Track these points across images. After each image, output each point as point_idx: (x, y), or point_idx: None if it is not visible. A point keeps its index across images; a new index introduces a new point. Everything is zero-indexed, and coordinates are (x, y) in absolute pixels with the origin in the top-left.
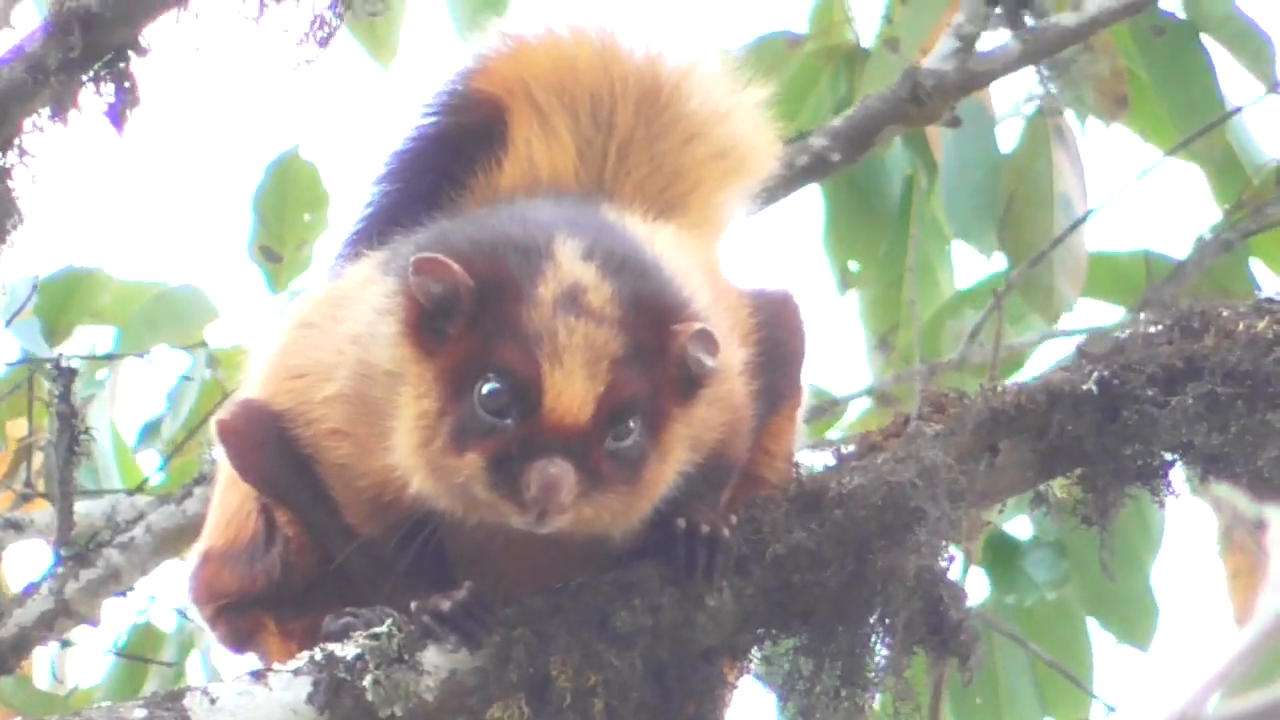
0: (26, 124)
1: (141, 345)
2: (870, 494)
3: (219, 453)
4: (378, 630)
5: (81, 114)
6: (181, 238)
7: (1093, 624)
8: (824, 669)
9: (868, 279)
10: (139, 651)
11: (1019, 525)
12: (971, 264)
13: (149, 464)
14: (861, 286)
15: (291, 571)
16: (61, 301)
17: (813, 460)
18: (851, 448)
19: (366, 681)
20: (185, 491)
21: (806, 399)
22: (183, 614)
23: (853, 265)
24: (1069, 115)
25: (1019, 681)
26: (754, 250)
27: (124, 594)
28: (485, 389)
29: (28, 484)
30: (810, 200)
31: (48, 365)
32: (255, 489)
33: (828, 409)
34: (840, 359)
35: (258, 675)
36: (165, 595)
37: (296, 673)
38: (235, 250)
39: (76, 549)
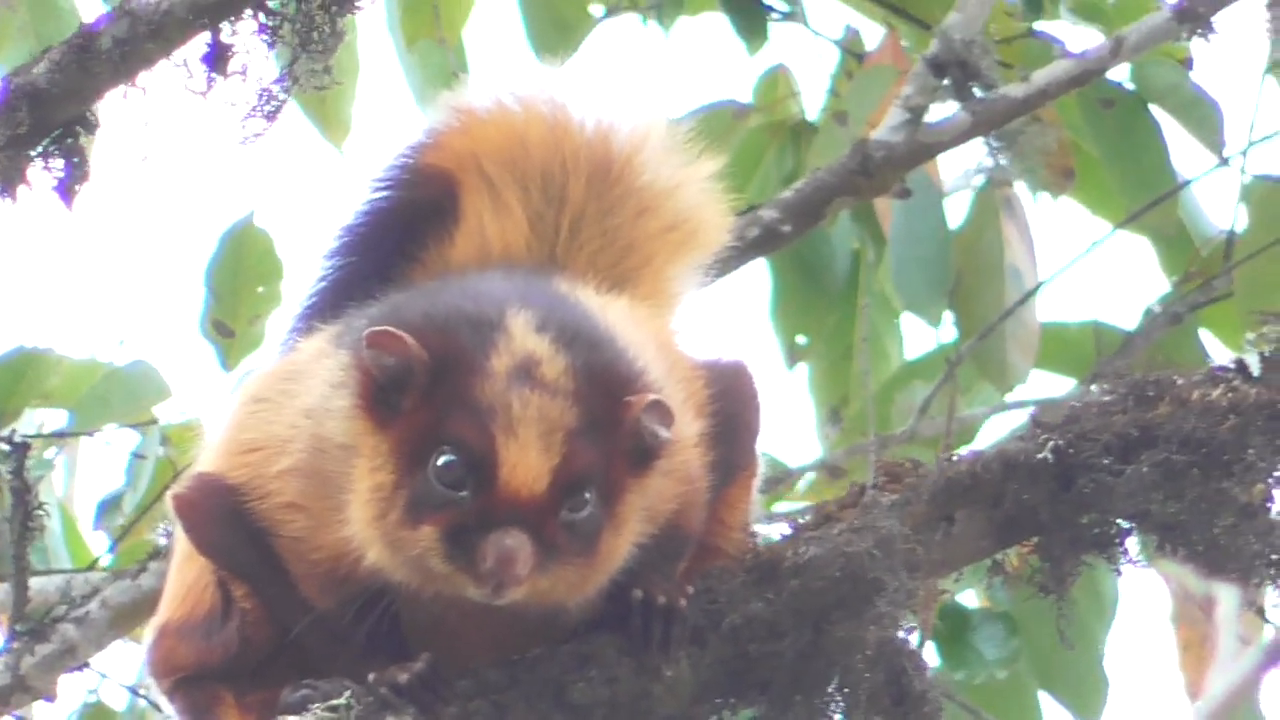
0: None
1: (93, 424)
2: (828, 564)
3: (175, 527)
4: (335, 702)
5: (30, 190)
6: (132, 314)
7: (1044, 696)
8: None
9: (816, 352)
10: None
11: (968, 596)
12: (920, 338)
13: (99, 544)
14: (810, 360)
15: (249, 644)
16: (11, 384)
17: (768, 532)
18: (807, 518)
19: None
20: (140, 566)
21: (761, 469)
22: (134, 692)
23: (800, 339)
24: (1019, 186)
25: None
26: (705, 323)
27: (80, 669)
28: (440, 461)
29: None
30: (758, 273)
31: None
32: (211, 562)
33: (782, 480)
34: (790, 431)
35: None
36: (117, 673)
37: None
38: (187, 326)
39: (32, 624)
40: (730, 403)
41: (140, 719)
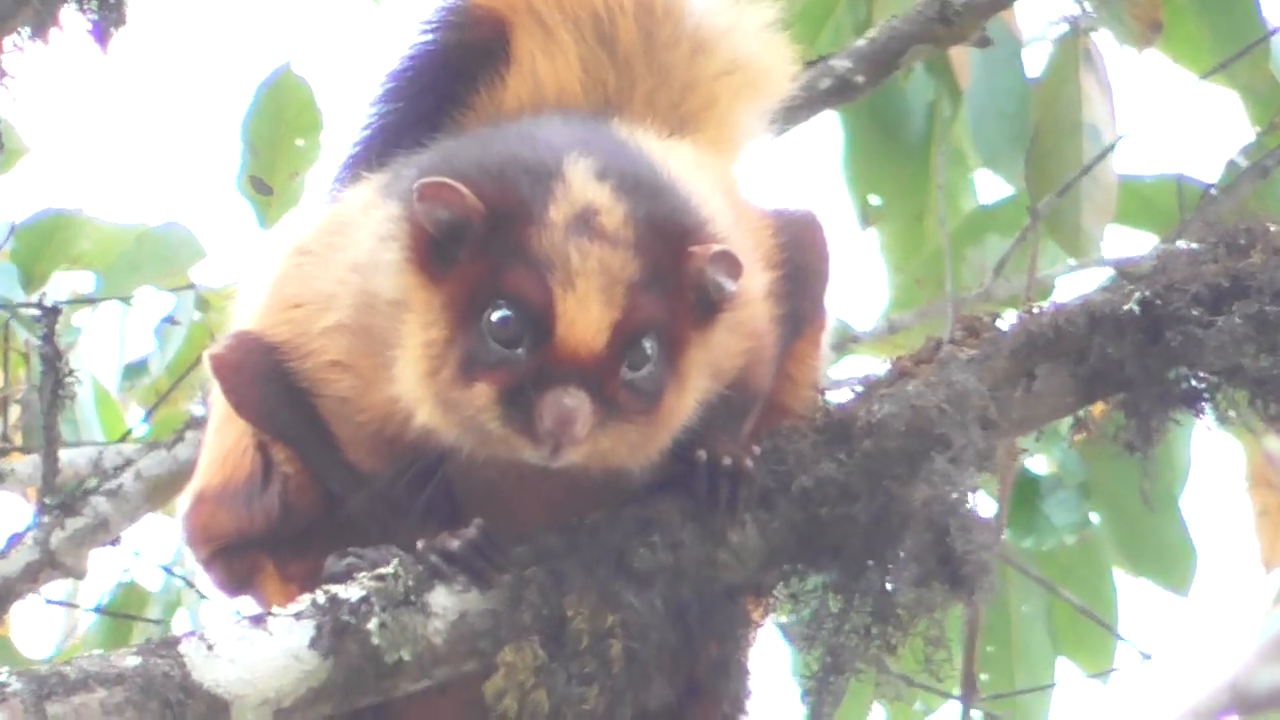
0: (6, 43)
1: (125, 289)
2: (898, 421)
3: (213, 388)
4: (383, 571)
5: (63, 33)
6: (166, 172)
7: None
8: (853, 606)
9: (890, 212)
10: (123, 610)
11: (1037, 462)
12: (994, 196)
13: (134, 415)
14: (883, 221)
15: (291, 511)
16: (39, 246)
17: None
18: (881, 374)
19: (372, 625)
20: (176, 436)
21: (830, 324)
22: (169, 571)
23: (874, 199)
24: (1099, 36)
25: (1033, 629)
26: (774, 175)
27: (112, 544)
28: (495, 317)
29: (4, 437)
30: (829, 128)
31: (24, 311)
32: (251, 425)
33: (846, 344)
34: (860, 294)
35: (257, 620)
36: (151, 551)
37: (298, 616)
38: (223, 184)
39: (62, 497)
40: (799, 253)
41: (176, 598)
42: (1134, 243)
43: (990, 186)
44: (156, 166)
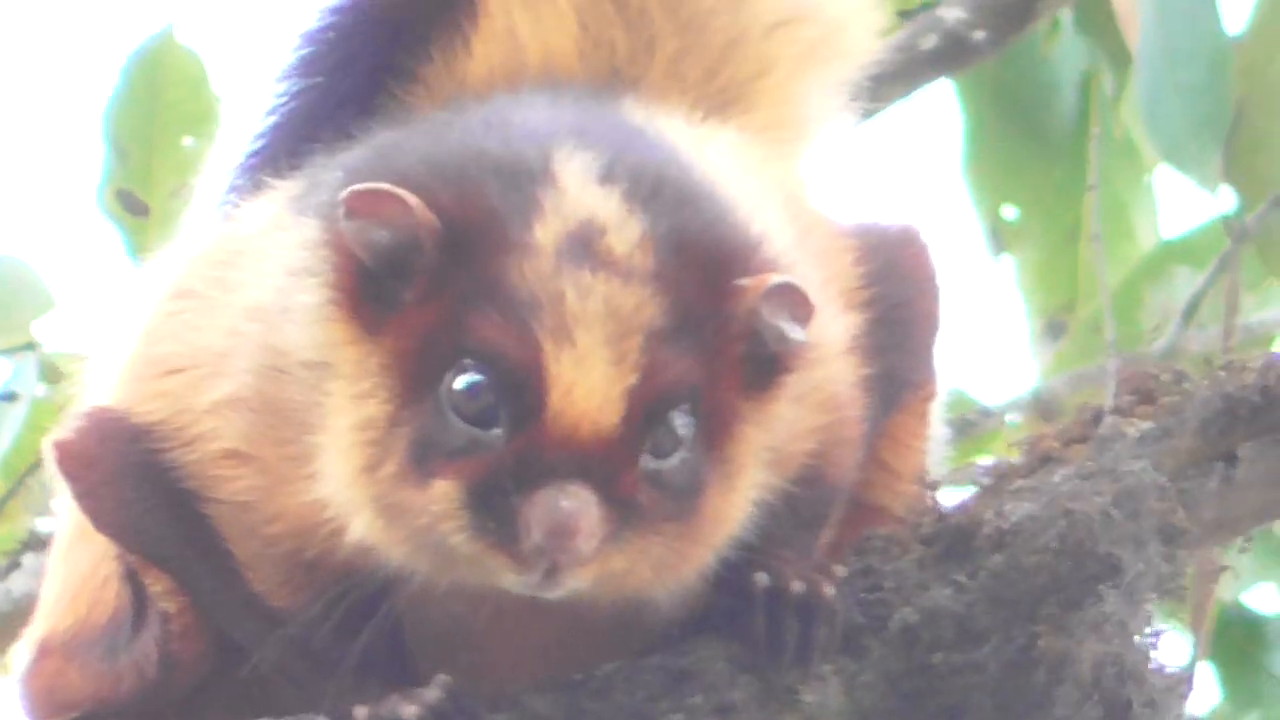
0: None
1: None
2: (1044, 530)
3: (59, 492)
4: None
5: None
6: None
7: None
8: None
9: (1031, 230)
10: None
11: (1262, 595)
12: (1183, 204)
13: None
14: (1022, 243)
15: (174, 666)
16: None
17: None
18: (1016, 460)
19: None
20: (10, 563)
21: (942, 389)
22: None
23: (1008, 211)
24: None
25: None
26: (858, 177)
27: None
28: (459, 383)
29: None
30: (943, 107)
31: None
32: (115, 543)
33: (975, 423)
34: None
35: None
36: None
37: None
38: (79, 201)
39: None
40: (896, 287)
41: None
42: None
43: (1173, 192)
44: None
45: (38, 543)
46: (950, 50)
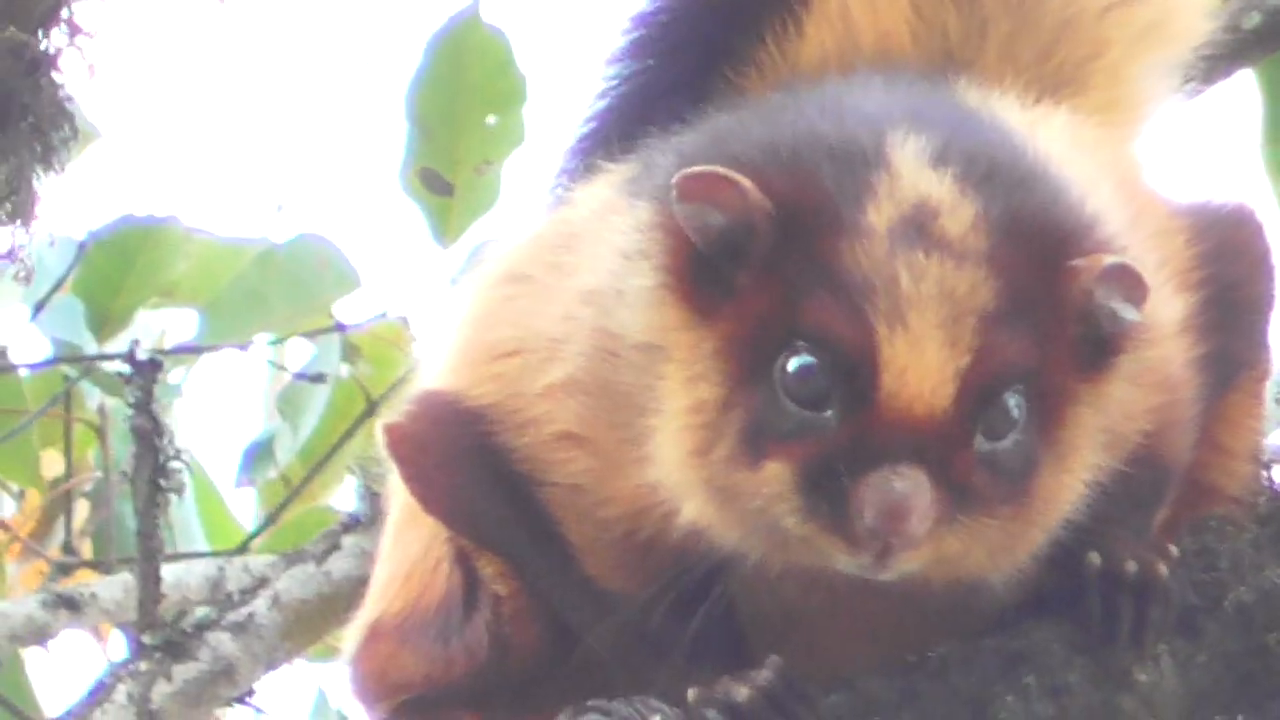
0: None
1: (239, 333)
2: None
3: (391, 476)
4: None
5: None
6: (297, 167)
7: None
8: None
9: None
10: None
11: None
12: None
13: (244, 511)
14: None
15: (505, 649)
16: (117, 273)
17: None
18: None
19: None
20: (330, 544)
21: (1276, 368)
22: None
23: None
24: None
25: None
26: (1189, 158)
27: (241, 700)
28: (792, 366)
29: (68, 548)
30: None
31: (101, 366)
32: (446, 527)
33: None
34: None
35: None
36: (294, 709)
37: None
38: (382, 180)
39: (167, 634)
40: (1229, 267)
41: None
42: None
43: None
44: (282, 158)
45: (354, 522)
46: (1274, 28)
